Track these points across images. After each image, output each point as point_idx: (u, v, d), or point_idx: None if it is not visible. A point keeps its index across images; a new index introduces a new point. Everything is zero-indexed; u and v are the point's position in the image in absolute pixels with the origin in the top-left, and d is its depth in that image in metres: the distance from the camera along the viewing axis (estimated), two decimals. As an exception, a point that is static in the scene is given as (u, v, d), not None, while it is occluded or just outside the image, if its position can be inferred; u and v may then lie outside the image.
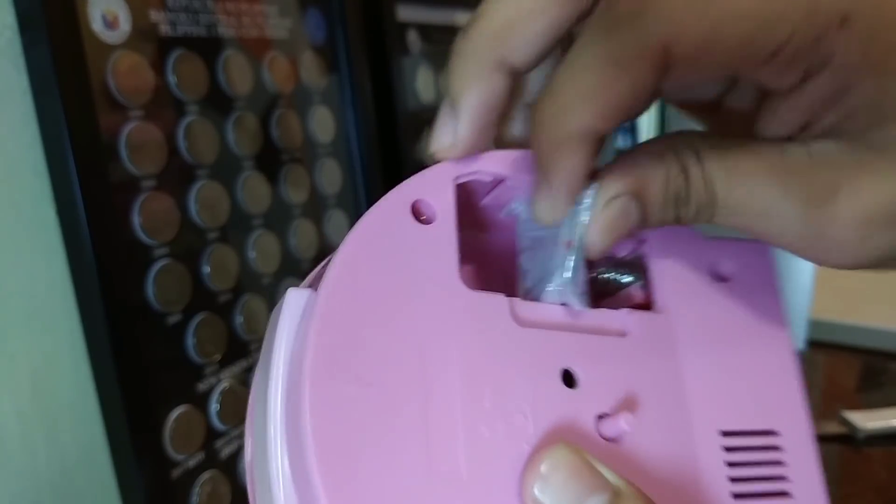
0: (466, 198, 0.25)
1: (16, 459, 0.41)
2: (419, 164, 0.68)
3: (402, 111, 0.65)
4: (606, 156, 0.22)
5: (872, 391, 0.74)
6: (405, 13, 0.68)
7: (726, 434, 0.25)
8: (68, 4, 0.38)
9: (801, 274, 0.76)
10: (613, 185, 0.21)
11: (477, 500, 0.20)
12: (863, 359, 0.81)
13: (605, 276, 0.27)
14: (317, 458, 0.19)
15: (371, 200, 0.59)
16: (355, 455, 0.20)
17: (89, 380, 0.41)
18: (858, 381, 0.77)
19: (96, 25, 0.39)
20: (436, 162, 0.24)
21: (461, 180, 0.24)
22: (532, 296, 0.25)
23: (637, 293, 0.27)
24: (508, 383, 0.22)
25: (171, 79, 0.44)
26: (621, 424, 0.22)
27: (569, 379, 0.23)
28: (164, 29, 0.44)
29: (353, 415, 0.20)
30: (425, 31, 0.72)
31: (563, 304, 0.24)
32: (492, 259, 0.27)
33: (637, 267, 0.27)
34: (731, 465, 0.25)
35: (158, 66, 0.43)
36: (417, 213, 0.24)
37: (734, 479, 0.25)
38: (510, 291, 0.24)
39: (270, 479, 0.21)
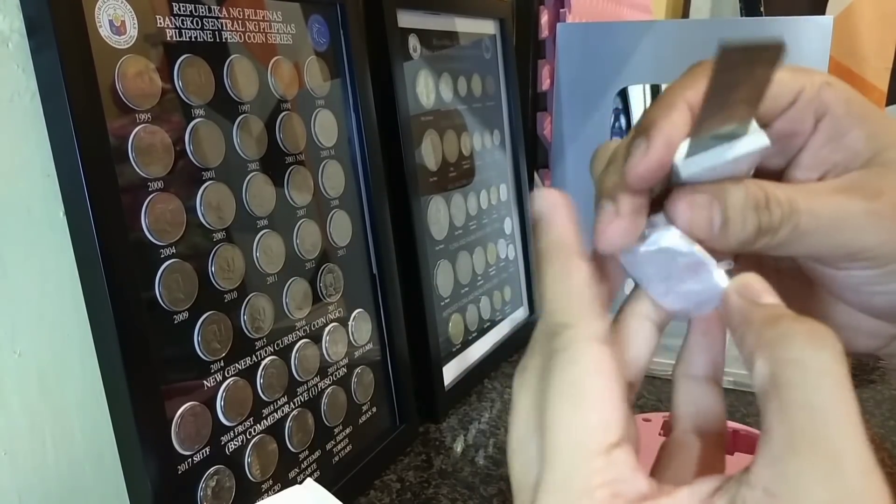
0: None
1: (24, 454, 0.41)
2: (419, 166, 0.69)
3: (404, 115, 0.66)
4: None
5: (863, 389, 0.74)
6: (406, 19, 0.69)
7: None
8: (76, 10, 0.38)
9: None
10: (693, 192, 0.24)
11: None
12: (853, 356, 0.81)
13: None
14: None
15: (373, 202, 0.61)
16: None
17: (97, 377, 0.41)
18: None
19: (104, 30, 0.40)
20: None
21: None
22: None
23: None
24: None
25: (178, 83, 0.44)
26: None
27: None
28: (171, 34, 0.44)
29: None
30: (426, 37, 0.73)
31: None
32: None
33: None
34: None
35: (165, 71, 0.44)
36: None
37: None
38: None
39: None
